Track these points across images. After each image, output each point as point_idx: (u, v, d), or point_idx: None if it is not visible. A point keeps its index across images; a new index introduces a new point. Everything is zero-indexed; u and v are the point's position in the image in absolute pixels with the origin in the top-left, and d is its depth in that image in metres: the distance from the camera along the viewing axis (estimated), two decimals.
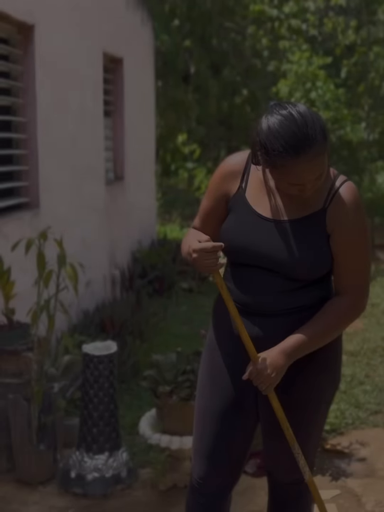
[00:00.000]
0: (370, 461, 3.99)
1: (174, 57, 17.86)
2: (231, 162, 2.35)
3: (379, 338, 6.29)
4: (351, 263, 2.24)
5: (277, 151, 2.04)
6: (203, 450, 2.42)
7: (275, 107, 2.10)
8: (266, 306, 2.26)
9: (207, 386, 2.41)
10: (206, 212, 2.40)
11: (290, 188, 2.14)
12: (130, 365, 5.11)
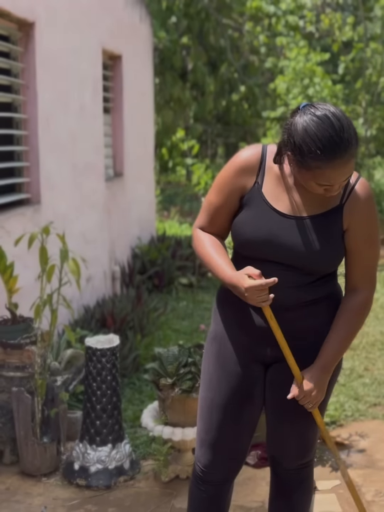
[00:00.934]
0: (369, 452, 4.04)
1: (172, 54, 17.88)
2: (246, 156, 2.33)
3: (377, 333, 6.34)
4: (365, 259, 2.31)
5: (314, 153, 2.07)
6: (211, 441, 2.46)
7: (310, 108, 2.12)
8: (283, 300, 2.28)
9: (215, 378, 2.43)
10: (215, 208, 2.37)
11: (317, 188, 2.17)
12: (131, 360, 5.16)
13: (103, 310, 5.84)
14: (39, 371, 3.66)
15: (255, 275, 2.16)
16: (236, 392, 2.41)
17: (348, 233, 2.28)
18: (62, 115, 5.50)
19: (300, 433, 2.47)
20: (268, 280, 2.14)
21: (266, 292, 2.17)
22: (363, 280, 2.33)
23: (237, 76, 19.40)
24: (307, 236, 2.24)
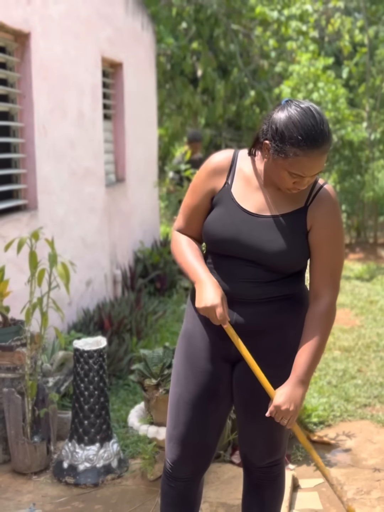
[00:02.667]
0: (355, 451, 4.12)
1: (182, 60, 17.99)
2: (217, 159, 2.46)
3: (374, 334, 6.41)
4: (326, 261, 2.38)
5: (295, 139, 2.19)
6: (178, 437, 2.53)
7: (294, 101, 2.26)
8: (247, 295, 2.38)
9: (182, 373, 2.52)
10: (191, 209, 2.50)
11: (288, 181, 2.27)
12: (127, 362, 5.26)
13: (101, 313, 5.95)
14: (29, 372, 3.76)
15: (217, 295, 2.32)
16: (202, 388, 2.48)
17: (310, 234, 2.36)
18: (60, 122, 5.62)
19: (267, 432, 2.52)
20: (226, 318, 2.32)
21: (224, 315, 2.33)
22: (325, 284, 2.39)
23: (247, 81, 19.48)
24: (271, 234, 2.33)
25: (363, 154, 11.07)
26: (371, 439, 4.28)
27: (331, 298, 2.40)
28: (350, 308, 7.39)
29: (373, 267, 9.49)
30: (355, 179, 10.98)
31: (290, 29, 12.63)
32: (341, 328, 6.55)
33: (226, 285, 2.40)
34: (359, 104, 12.08)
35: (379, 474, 3.83)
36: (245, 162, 2.44)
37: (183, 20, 18.34)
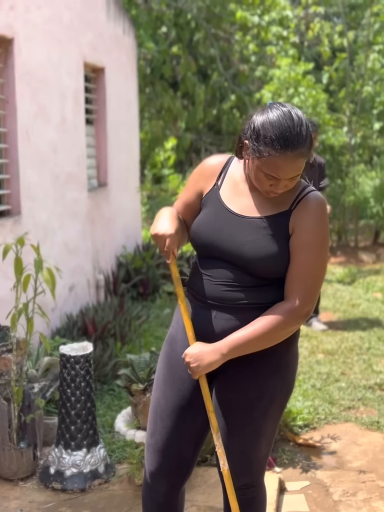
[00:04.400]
0: (340, 454, 4.15)
1: (161, 64, 18.01)
2: (211, 162, 2.51)
3: (357, 338, 6.45)
4: (301, 267, 2.29)
5: (269, 139, 2.19)
6: (154, 445, 2.46)
7: (276, 104, 2.27)
8: (227, 299, 2.34)
9: (161, 378, 2.49)
10: (183, 204, 2.54)
11: (264, 182, 2.26)
12: (111, 367, 5.26)
13: (85, 318, 5.94)
14: (15, 378, 3.75)
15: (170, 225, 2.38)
16: (178, 395, 2.44)
17: (291, 238, 2.31)
18: (43, 127, 5.62)
19: (243, 450, 2.43)
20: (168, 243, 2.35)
21: (166, 245, 2.35)
22: (295, 289, 2.30)
23: (227, 85, 19.54)
24: (252, 235, 2.31)
25: (343, 158, 11.16)
26: (355, 441, 4.32)
27: (298, 304, 2.28)
28: (332, 311, 7.44)
29: (354, 270, 9.55)
30: (336, 183, 11.05)
31: (270, 33, 12.70)
32: (324, 332, 6.59)
33: (208, 287, 2.37)
34: (339, 109, 12.18)
35: (365, 476, 3.87)
36: (237, 166, 2.46)
37: (163, 25, 18.37)
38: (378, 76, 11.48)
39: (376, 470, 3.94)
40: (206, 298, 2.38)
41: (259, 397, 2.38)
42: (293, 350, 2.45)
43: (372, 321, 7.00)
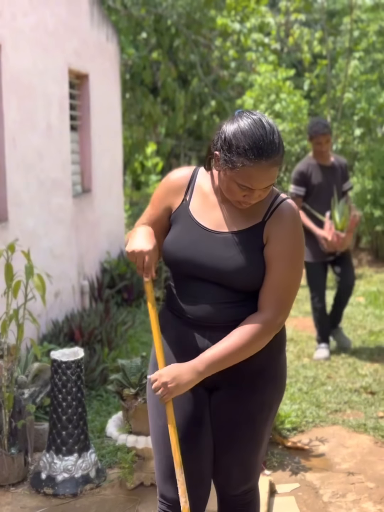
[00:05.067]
0: (328, 456, 4.20)
1: (142, 70, 18.05)
2: (176, 176, 2.42)
3: None
4: (274, 277, 2.27)
5: (242, 149, 2.13)
6: (169, 472, 2.37)
7: (245, 112, 2.21)
8: (217, 319, 2.30)
9: (162, 404, 2.33)
10: (150, 222, 2.44)
11: (237, 193, 2.21)
12: (99, 372, 5.27)
13: (71, 324, 5.95)
14: (6, 384, 3.76)
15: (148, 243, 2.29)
16: (189, 416, 2.38)
17: (265, 248, 2.28)
18: (29, 134, 5.63)
19: (244, 459, 2.44)
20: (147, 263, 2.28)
21: (143, 264, 2.28)
22: (269, 300, 2.27)
23: (207, 91, 19.63)
24: (229, 251, 2.26)
25: None
26: (343, 443, 4.37)
27: (272, 316, 2.26)
28: None
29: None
30: None
31: (250, 40, 12.79)
32: (309, 336, 6.64)
33: (193, 309, 2.32)
34: (320, 115, 12.27)
35: (353, 477, 3.92)
36: (205, 178, 2.39)
37: (143, 30, 18.41)
38: (358, 83, 11.59)
39: (364, 471, 3.99)
40: (194, 319, 2.33)
41: (259, 410, 2.40)
42: (284, 358, 2.48)
43: (355, 325, 7.07)
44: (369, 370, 5.67)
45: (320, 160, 5.98)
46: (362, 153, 11.25)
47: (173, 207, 2.40)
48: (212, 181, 2.38)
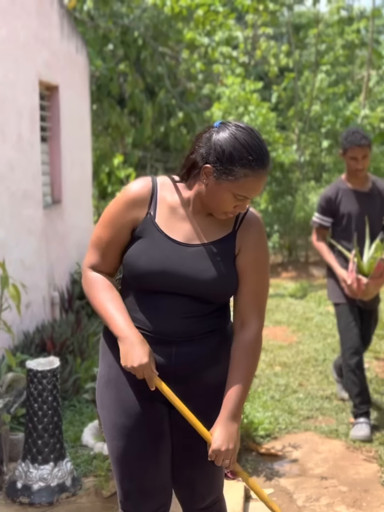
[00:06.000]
0: (301, 462, 4.25)
1: (109, 81, 18.09)
2: (136, 189, 2.30)
3: (312, 350, 6.59)
4: (253, 286, 2.30)
5: (246, 160, 2.13)
6: (138, 488, 2.35)
7: (229, 123, 2.20)
8: (186, 332, 2.26)
9: (120, 424, 2.33)
10: (106, 243, 2.31)
11: (230, 204, 2.20)
12: (72, 382, 5.28)
13: (42, 335, 5.94)
14: None
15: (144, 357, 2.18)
16: (149, 433, 2.34)
17: (238, 257, 2.30)
18: (0, 145, 5.63)
19: (209, 473, 2.42)
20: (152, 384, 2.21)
21: (146, 376, 2.21)
22: (251, 310, 2.31)
23: (174, 103, 19.73)
24: (203, 264, 2.25)
25: (293, 175, 11.39)
26: (316, 449, 4.43)
27: (258, 325, 2.31)
28: (287, 325, 7.58)
29: (306, 285, 9.74)
30: (286, 200, 11.26)
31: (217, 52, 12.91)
32: (280, 345, 6.71)
33: (160, 325, 2.27)
34: (288, 127, 12.43)
35: (326, 482, 3.98)
36: (167, 190, 2.32)
37: (109, 42, 18.47)
38: (325, 96, 11.77)
39: (337, 476, 4.05)
40: (159, 335, 2.28)
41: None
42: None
43: (326, 334, 7.16)
44: None
45: (354, 184, 4.75)
46: (330, 164, 11.42)
47: (137, 221, 2.29)
48: (178, 193, 2.32)
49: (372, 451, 4.39)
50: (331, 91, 11.92)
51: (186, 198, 2.30)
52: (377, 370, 5.99)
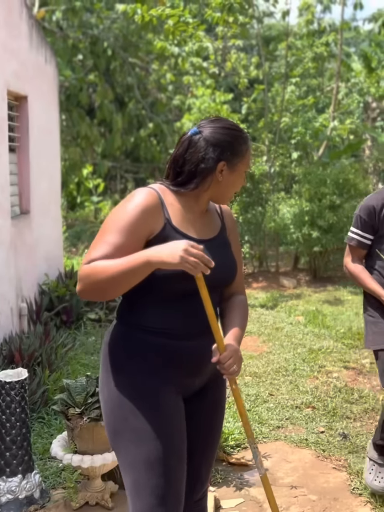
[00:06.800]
0: (271, 471, 4.25)
1: (78, 91, 18.07)
2: (147, 199, 2.30)
3: (282, 360, 6.60)
4: (240, 265, 2.61)
5: (240, 137, 2.41)
6: (176, 492, 2.32)
7: (203, 122, 2.44)
8: (205, 326, 2.31)
9: (152, 428, 2.30)
10: (118, 248, 2.23)
11: (240, 184, 2.49)
12: (40, 394, 5.22)
13: (10, 346, 5.88)
14: None
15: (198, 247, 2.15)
16: (182, 433, 2.38)
17: (230, 243, 2.58)
18: None
19: (211, 459, 2.59)
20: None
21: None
22: (241, 284, 2.63)
23: (145, 113, 19.75)
24: (219, 255, 2.39)
25: (263, 186, 11.43)
26: (286, 458, 4.43)
27: (245, 297, 2.65)
28: (257, 335, 7.59)
29: (276, 295, 9.77)
30: (257, 211, 11.30)
31: (187, 63, 12.96)
32: (250, 355, 6.72)
33: (188, 324, 2.34)
34: (258, 139, 12.50)
35: (296, 490, 3.98)
36: (169, 195, 2.38)
37: (79, 52, 18.46)
38: (294, 108, 11.86)
39: (307, 485, 4.06)
40: (189, 332, 2.34)
41: (224, 406, 2.64)
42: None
43: (296, 344, 7.18)
44: (310, 387, 5.77)
45: None
46: (299, 175, 11.49)
47: (154, 230, 2.30)
48: (179, 197, 2.39)
49: (341, 460, 4.41)
50: (301, 103, 12.01)
51: (190, 200, 2.43)
52: (346, 380, 6.01)
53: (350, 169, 11.21)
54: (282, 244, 12.08)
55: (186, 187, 2.39)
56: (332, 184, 10.68)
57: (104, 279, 2.16)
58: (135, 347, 2.35)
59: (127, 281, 2.18)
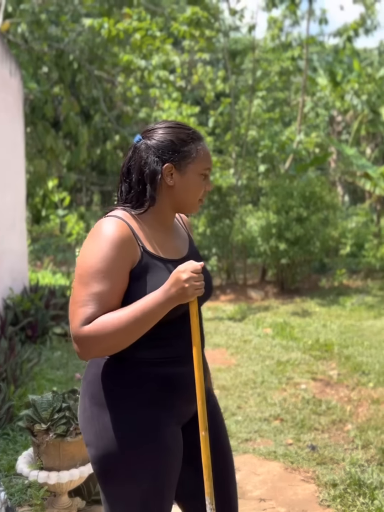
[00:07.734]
0: (240, 484, 4.20)
1: (43, 104, 17.97)
2: (117, 231, 2.15)
3: (250, 372, 6.59)
4: None
5: (189, 136, 2.23)
6: None
7: (148, 128, 2.28)
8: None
9: (156, 468, 2.21)
10: (109, 294, 2.10)
11: (201, 187, 2.26)
12: (5, 410, 5.13)
13: None
14: None
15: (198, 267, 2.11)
16: (175, 470, 2.28)
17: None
18: None
19: (232, 478, 2.48)
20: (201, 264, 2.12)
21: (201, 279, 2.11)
22: None
23: (111, 126, 19.72)
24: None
25: (231, 199, 11.47)
26: (254, 471, 4.40)
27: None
28: (225, 347, 7.57)
29: (244, 307, 9.77)
30: (224, 223, 11.32)
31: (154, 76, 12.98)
32: (219, 368, 6.69)
33: (186, 348, 2.23)
34: (225, 152, 12.54)
35: (265, 503, 3.94)
36: (134, 221, 2.23)
37: (44, 65, 18.37)
38: (261, 121, 11.92)
39: (275, 497, 4.03)
40: (185, 356, 2.24)
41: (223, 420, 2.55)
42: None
43: (264, 356, 7.17)
44: (278, 399, 5.76)
45: None
46: (267, 188, 11.54)
47: (134, 261, 2.17)
48: (142, 221, 2.24)
49: (310, 472, 4.39)
50: (267, 116, 12.08)
51: (154, 219, 2.28)
52: (314, 391, 6.01)
53: (317, 181, 11.28)
54: (250, 257, 12.12)
55: (144, 205, 2.25)
56: (299, 196, 10.74)
57: (119, 329, 2.06)
58: (132, 381, 2.21)
59: (143, 331, 2.12)
